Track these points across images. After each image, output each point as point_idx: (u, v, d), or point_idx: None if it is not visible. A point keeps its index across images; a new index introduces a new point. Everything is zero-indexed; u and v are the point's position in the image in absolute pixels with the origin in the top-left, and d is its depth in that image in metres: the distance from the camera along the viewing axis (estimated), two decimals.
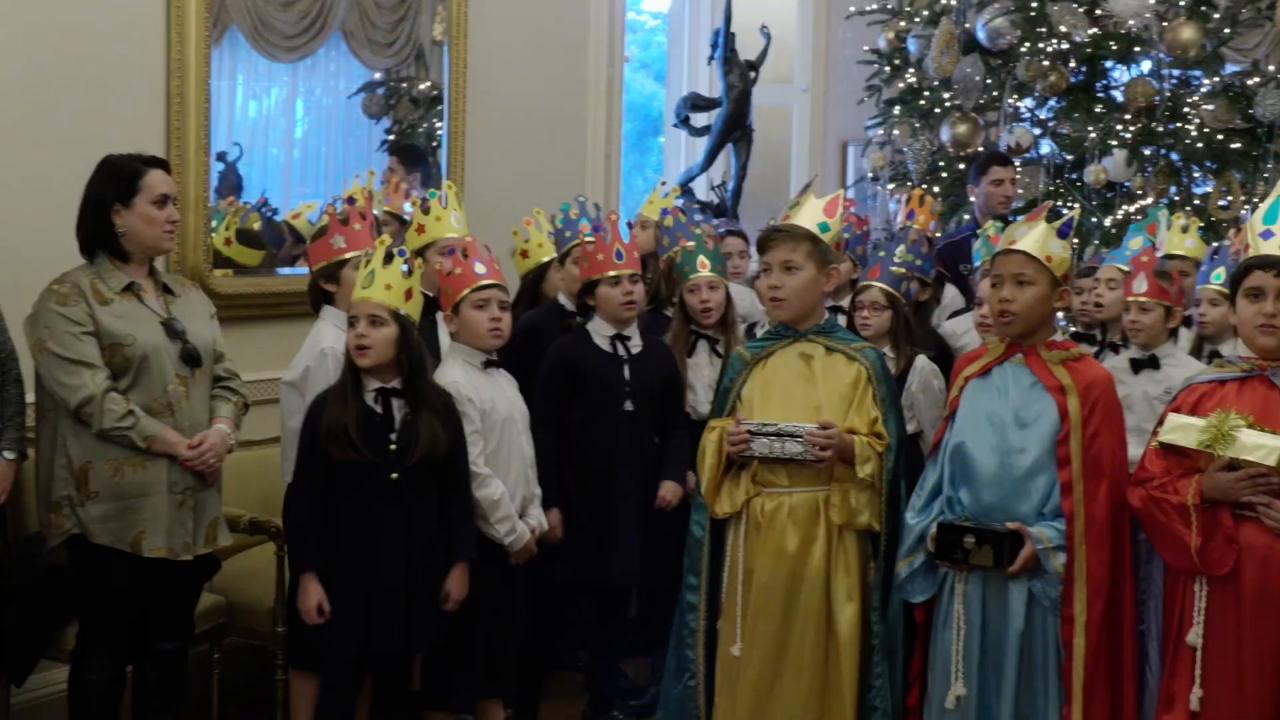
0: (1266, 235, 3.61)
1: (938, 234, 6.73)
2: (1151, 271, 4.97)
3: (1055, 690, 3.73)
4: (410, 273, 4.18)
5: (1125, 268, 5.21)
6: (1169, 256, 5.61)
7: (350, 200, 4.55)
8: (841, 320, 4.96)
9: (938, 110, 8.11)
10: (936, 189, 8.03)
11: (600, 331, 4.94)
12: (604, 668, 5.19)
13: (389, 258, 4.12)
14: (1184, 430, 3.56)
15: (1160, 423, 3.71)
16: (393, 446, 4.09)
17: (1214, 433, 3.49)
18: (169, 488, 4.05)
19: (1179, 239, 5.75)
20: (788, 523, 4.00)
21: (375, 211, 4.89)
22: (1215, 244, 5.45)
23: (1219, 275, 5.17)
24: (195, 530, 4.13)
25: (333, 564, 4.09)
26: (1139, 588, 3.86)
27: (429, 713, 4.54)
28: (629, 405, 4.91)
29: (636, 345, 4.98)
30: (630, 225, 5.15)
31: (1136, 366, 4.97)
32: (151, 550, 4.02)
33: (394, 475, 4.08)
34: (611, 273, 4.87)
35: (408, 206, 5.37)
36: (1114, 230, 7.24)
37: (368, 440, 4.05)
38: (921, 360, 5.15)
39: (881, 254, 5.38)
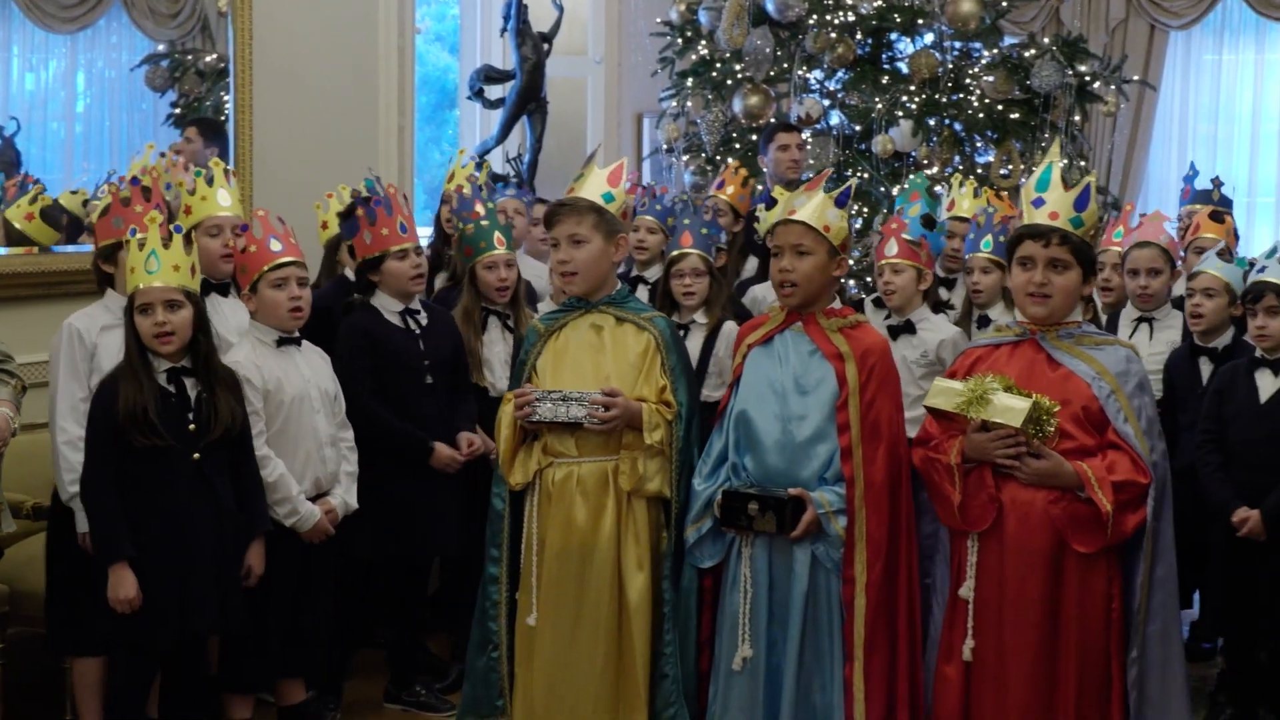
0: (1038, 204, 3.72)
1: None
2: (900, 236, 5.15)
3: (839, 649, 3.82)
4: (191, 248, 4.09)
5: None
6: (955, 219, 5.82)
7: (135, 180, 4.43)
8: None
9: (730, 82, 8.20)
10: (730, 160, 8.13)
11: (389, 308, 4.86)
12: (405, 644, 5.16)
13: (169, 238, 4.02)
14: (945, 394, 3.70)
15: None
16: (191, 426, 4.03)
17: (969, 396, 3.62)
18: None
19: (969, 203, 5.93)
20: (576, 493, 4.03)
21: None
22: (986, 210, 5.65)
23: (987, 243, 5.36)
24: None
25: (142, 551, 3.97)
26: (926, 543, 3.99)
27: (226, 696, 4.49)
28: (429, 379, 4.87)
29: (424, 318, 4.93)
30: (406, 198, 5.12)
31: (894, 333, 5.10)
32: None
33: (196, 456, 4.02)
34: (397, 246, 4.80)
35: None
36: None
37: (167, 423, 3.97)
38: (729, 325, 5.21)
39: (687, 221, 5.41)
